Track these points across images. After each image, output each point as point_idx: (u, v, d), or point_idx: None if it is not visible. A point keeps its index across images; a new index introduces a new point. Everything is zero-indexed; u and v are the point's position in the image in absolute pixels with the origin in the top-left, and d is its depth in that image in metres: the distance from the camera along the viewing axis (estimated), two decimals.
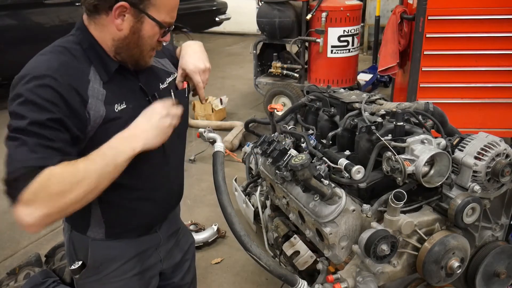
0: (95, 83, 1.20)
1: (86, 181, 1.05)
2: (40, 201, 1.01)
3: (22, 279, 2.22)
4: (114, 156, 1.10)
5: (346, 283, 1.46)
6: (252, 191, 2.50)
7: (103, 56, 1.23)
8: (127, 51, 1.24)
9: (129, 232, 1.39)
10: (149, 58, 1.30)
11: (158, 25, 1.22)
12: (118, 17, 1.18)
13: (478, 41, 3.34)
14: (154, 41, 1.26)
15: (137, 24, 1.20)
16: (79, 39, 1.23)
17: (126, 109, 1.24)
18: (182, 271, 1.62)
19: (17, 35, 5.02)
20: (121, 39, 1.21)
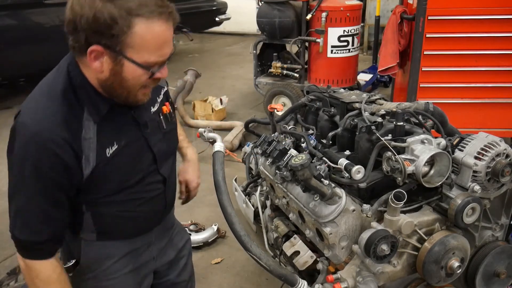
0: (87, 129, 1.17)
1: None
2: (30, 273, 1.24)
3: (23, 279, 2.22)
4: None
5: (346, 283, 1.46)
6: (252, 191, 2.50)
7: (94, 96, 1.17)
8: (112, 91, 1.16)
9: (120, 236, 1.40)
10: (143, 96, 1.21)
11: (140, 67, 1.11)
12: (95, 60, 1.09)
13: (478, 41, 3.33)
14: (143, 81, 1.15)
15: (116, 67, 1.10)
16: (72, 75, 1.17)
17: (117, 149, 1.22)
18: (178, 268, 1.62)
19: (17, 35, 5.02)
20: (103, 80, 1.14)
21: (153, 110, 1.35)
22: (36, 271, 1.23)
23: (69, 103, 1.16)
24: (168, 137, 1.41)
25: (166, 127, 1.39)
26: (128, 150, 1.25)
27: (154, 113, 1.35)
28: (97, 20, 1.03)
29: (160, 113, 1.38)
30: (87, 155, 1.17)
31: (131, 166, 1.28)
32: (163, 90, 1.43)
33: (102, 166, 1.20)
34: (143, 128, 1.30)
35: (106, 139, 1.21)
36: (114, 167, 1.22)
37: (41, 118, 1.13)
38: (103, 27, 1.04)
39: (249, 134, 3.91)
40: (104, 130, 1.20)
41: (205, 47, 8.92)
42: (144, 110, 1.32)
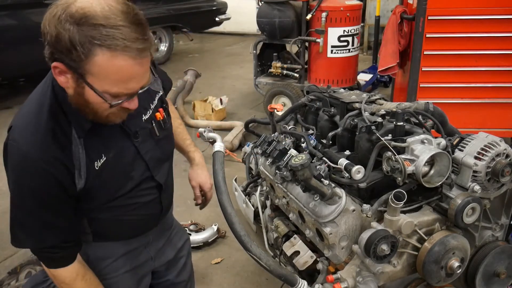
0: (76, 144, 1.16)
1: None
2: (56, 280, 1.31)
3: (24, 278, 2.22)
4: None
5: (346, 283, 1.46)
6: (252, 191, 2.50)
7: (76, 112, 1.14)
8: (80, 108, 1.12)
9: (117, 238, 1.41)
10: (115, 118, 1.16)
11: (100, 96, 1.05)
12: (60, 75, 1.06)
13: (478, 41, 3.33)
14: (105, 109, 1.09)
15: (78, 89, 1.06)
16: (56, 90, 1.15)
17: (106, 162, 1.21)
18: (177, 268, 1.62)
19: (17, 35, 5.02)
20: (70, 97, 1.10)
21: (144, 118, 1.31)
22: (61, 277, 1.28)
23: (56, 120, 1.14)
24: (161, 143, 1.37)
25: (160, 134, 1.35)
26: (118, 160, 1.24)
27: (145, 121, 1.31)
28: (59, 40, 1.01)
29: (153, 120, 1.33)
30: (79, 169, 1.17)
31: (123, 175, 1.28)
32: (157, 95, 1.38)
33: (92, 179, 1.20)
34: (133, 138, 1.27)
35: (93, 153, 1.19)
36: (104, 179, 1.22)
37: (31, 138, 1.12)
38: (63, 48, 1.01)
39: (249, 134, 3.91)
40: (91, 144, 1.18)
41: (205, 47, 8.91)
42: (134, 119, 1.27)
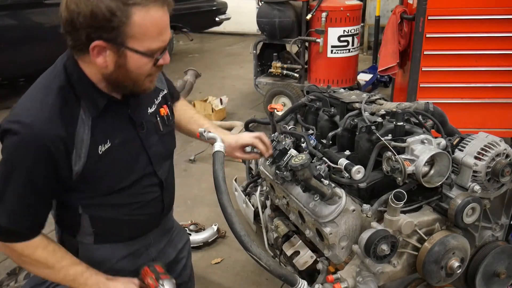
0: (82, 125, 1.17)
1: (48, 277, 1.30)
2: (14, 254, 1.26)
3: (22, 279, 2.22)
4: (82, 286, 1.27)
5: (346, 283, 1.46)
6: (252, 191, 2.50)
7: (92, 91, 1.18)
8: (117, 83, 1.17)
9: (118, 239, 1.40)
10: (149, 83, 1.22)
11: (144, 56, 1.12)
12: (99, 56, 1.10)
13: (478, 41, 3.33)
14: (147, 70, 1.16)
15: (120, 60, 1.11)
16: (69, 71, 1.17)
17: (110, 148, 1.22)
18: (177, 269, 1.62)
19: (17, 35, 5.02)
20: (108, 75, 1.15)
21: (150, 111, 1.34)
22: (20, 250, 1.23)
23: (65, 99, 1.15)
24: (164, 139, 1.40)
25: (163, 130, 1.38)
26: (121, 149, 1.25)
27: (150, 114, 1.35)
28: (95, 15, 1.03)
29: (157, 115, 1.37)
30: (79, 151, 1.17)
31: (125, 166, 1.28)
32: (161, 93, 1.42)
33: (93, 163, 1.19)
34: (138, 129, 1.29)
35: (99, 136, 1.20)
36: (106, 165, 1.22)
37: (34, 112, 1.13)
38: (102, 21, 1.04)
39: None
40: (98, 126, 1.20)
41: (205, 47, 8.92)
42: (141, 110, 1.31)
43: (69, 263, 1.27)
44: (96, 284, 1.28)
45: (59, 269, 1.25)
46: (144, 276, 1.34)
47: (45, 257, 1.24)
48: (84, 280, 1.27)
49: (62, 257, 1.26)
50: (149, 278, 1.32)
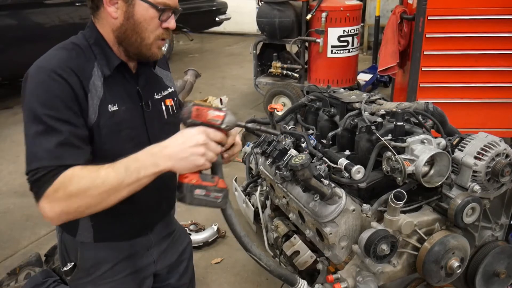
0: (96, 79, 1.22)
1: (103, 187, 1.07)
2: (58, 199, 1.08)
3: (23, 279, 2.22)
4: (137, 169, 1.09)
5: (346, 283, 1.46)
6: (252, 191, 2.50)
7: (107, 51, 1.26)
8: (126, 39, 1.23)
9: (118, 236, 1.39)
10: (156, 49, 1.27)
11: (151, 6, 1.19)
12: (111, 5, 1.20)
13: (478, 41, 3.33)
14: (154, 26, 1.22)
15: (129, 8, 1.20)
16: (88, 35, 1.26)
17: (118, 111, 1.25)
18: (179, 272, 1.62)
19: (17, 35, 5.02)
20: (118, 28, 1.22)
21: (156, 97, 1.39)
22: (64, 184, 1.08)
23: (81, 53, 1.23)
24: (166, 128, 1.38)
25: (167, 118, 1.41)
26: (127, 116, 1.27)
27: (157, 100, 1.39)
28: None
29: (163, 103, 1.41)
30: (93, 97, 1.21)
31: (127, 135, 1.28)
32: (169, 89, 1.46)
33: (103, 119, 1.22)
34: (145, 107, 1.33)
35: (110, 97, 1.24)
36: (113, 125, 1.23)
37: (52, 56, 1.20)
38: None
39: (249, 134, 3.91)
40: (110, 88, 1.25)
41: (205, 47, 8.91)
42: (149, 91, 1.36)
43: (106, 167, 1.11)
44: (147, 152, 1.12)
45: (105, 174, 1.09)
46: (200, 115, 1.14)
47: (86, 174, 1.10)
48: (134, 159, 1.11)
49: (98, 166, 1.12)
50: (208, 113, 1.13)
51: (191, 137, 1.10)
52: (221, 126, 1.14)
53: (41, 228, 2.95)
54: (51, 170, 1.08)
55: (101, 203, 1.10)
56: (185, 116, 1.14)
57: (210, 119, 1.14)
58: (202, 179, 1.16)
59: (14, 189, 3.47)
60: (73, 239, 1.36)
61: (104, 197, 1.09)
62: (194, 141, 1.09)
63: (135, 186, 1.11)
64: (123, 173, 1.08)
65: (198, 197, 1.16)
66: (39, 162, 1.09)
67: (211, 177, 1.18)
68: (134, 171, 1.09)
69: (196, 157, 1.09)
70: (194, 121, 1.13)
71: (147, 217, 1.43)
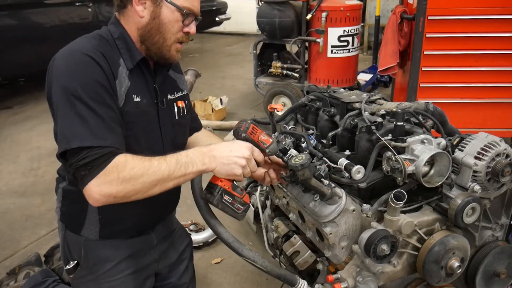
0: (123, 70, 1.28)
1: (155, 176, 1.14)
2: (110, 182, 1.11)
3: (22, 278, 2.22)
4: (186, 164, 1.18)
5: (346, 283, 1.46)
6: (252, 191, 2.50)
7: (131, 45, 1.31)
8: (150, 38, 1.30)
9: (123, 232, 1.39)
10: (175, 52, 1.35)
11: (177, 10, 1.28)
12: (139, 4, 1.27)
13: (478, 41, 3.33)
14: (177, 29, 1.30)
15: (156, 9, 1.28)
16: (112, 30, 1.32)
17: (140, 103, 1.31)
18: (179, 271, 1.62)
19: (17, 35, 5.02)
20: (143, 26, 1.29)
21: (169, 97, 1.45)
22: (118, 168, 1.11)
23: (108, 44, 1.28)
24: (176, 128, 1.46)
25: (177, 118, 1.46)
26: (144, 111, 1.32)
27: (170, 100, 1.45)
28: None
29: (175, 103, 1.47)
30: (121, 83, 1.25)
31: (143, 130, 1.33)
32: (181, 92, 1.52)
33: (128, 108, 1.26)
34: (160, 104, 1.38)
35: (134, 88, 1.29)
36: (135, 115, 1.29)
37: (82, 42, 1.25)
38: None
39: None
40: (134, 80, 1.30)
41: (205, 47, 8.92)
42: (164, 90, 1.42)
43: (158, 158, 1.17)
44: (198, 150, 1.21)
45: (158, 164, 1.15)
46: (254, 133, 1.28)
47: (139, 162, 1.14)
48: (185, 155, 1.19)
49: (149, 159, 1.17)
50: (260, 134, 1.29)
51: (239, 149, 1.22)
52: (266, 150, 1.29)
53: (41, 228, 2.95)
54: (103, 154, 1.10)
55: (149, 191, 1.16)
56: (242, 130, 1.26)
57: (260, 141, 1.29)
58: (233, 188, 1.28)
59: (14, 189, 3.47)
60: (77, 237, 1.37)
61: (153, 185, 1.15)
62: (241, 153, 1.22)
63: (181, 179, 1.19)
64: (174, 166, 1.16)
65: (225, 203, 1.27)
66: (81, 142, 1.10)
67: (241, 190, 1.30)
68: (183, 165, 1.17)
69: (237, 166, 1.21)
70: (247, 137, 1.26)
71: (154, 212, 1.44)
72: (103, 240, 1.37)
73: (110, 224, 1.36)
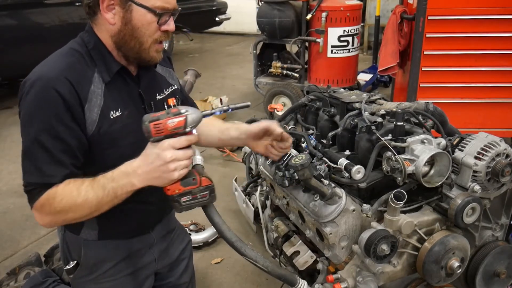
0: (96, 87, 1.21)
1: (84, 207, 1.15)
2: (45, 213, 1.17)
3: (22, 279, 2.22)
4: (114, 189, 1.13)
5: (346, 283, 1.46)
6: (252, 191, 2.51)
7: (106, 56, 1.24)
8: (125, 44, 1.22)
9: (122, 233, 1.39)
10: (155, 53, 1.26)
11: (149, 11, 1.17)
12: (108, 11, 1.18)
13: (478, 41, 3.33)
14: (152, 30, 1.21)
15: (126, 14, 1.17)
16: (86, 40, 1.25)
17: (121, 117, 1.25)
18: (179, 270, 1.62)
19: (17, 35, 5.02)
20: (116, 33, 1.21)
21: (158, 98, 1.39)
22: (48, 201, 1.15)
23: (81, 59, 1.22)
24: None
25: None
26: (130, 120, 1.27)
27: (159, 100, 1.38)
28: None
29: (165, 103, 1.38)
30: (92, 107, 1.20)
31: (130, 141, 1.28)
32: (172, 87, 1.46)
33: (105, 126, 1.22)
34: (147, 109, 1.32)
35: (112, 103, 1.24)
36: (116, 131, 1.23)
37: (50, 65, 1.20)
38: None
39: None
40: (111, 93, 1.24)
41: (205, 47, 8.91)
42: (151, 92, 1.36)
43: (86, 185, 1.16)
44: (122, 172, 1.14)
45: (85, 194, 1.14)
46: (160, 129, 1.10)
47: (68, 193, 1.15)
48: (110, 179, 1.15)
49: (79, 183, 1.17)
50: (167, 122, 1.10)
51: (157, 156, 1.09)
52: (186, 131, 1.11)
53: (41, 228, 2.95)
54: (37, 186, 1.16)
55: (86, 216, 1.19)
56: (147, 136, 1.10)
57: (172, 129, 1.10)
58: (184, 185, 1.15)
59: (14, 189, 3.47)
60: (76, 237, 1.37)
61: (86, 212, 1.17)
62: (161, 160, 1.09)
63: (115, 202, 1.16)
64: (101, 193, 1.13)
65: (187, 204, 1.17)
66: (29, 177, 1.18)
67: (192, 179, 1.16)
68: (111, 190, 1.13)
69: (168, 174, 1.10)
70: (156, 138, 1.10)
71: (152, 213, 1.43)
72: (102, 241, 1.37)
73: (109, 226, 1.36)
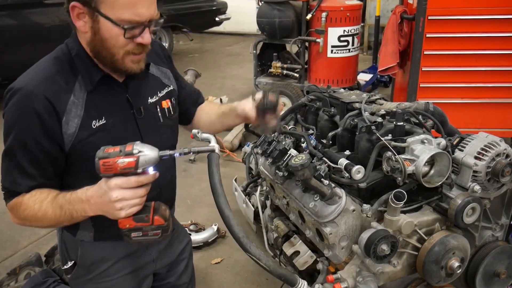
0: (77, 97, 1.20)
1: (44, 220, 1.21)
2: (14, 216, 1.26)
3: (23, 279, 2.22)
4: (70, 211, 1.17)
5: (346, 283, 1.46)
6: (252, 191, 2.50)
7: (88, 64, 1.22)
8: (98, 54, 1.19)
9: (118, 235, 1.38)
10: (131, 64, 1.20)
11: (114, 25, 1.11)
12: (79, 19, 1.16)
13: (478, 41, 3.33)
14: (122, 43, 1.14)
15: (94, 24, 1.13)
16: (71, 46, 1.24)
17: (105, 125, 1.24)
18: (178, 271, 1.62)
19: (17, 35, 5.02)
20: (89, 42, 1.19)
21: (150, 101, 1.36)
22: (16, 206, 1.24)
23: (62, 69, 1.21)
24: (163, 131, 1.40)
25: (163, 121, 1.40)
26: (116, 129, 1.25)
27: (151, 104, 1.36)
28: None
29: (158, 106, 1.38)
30: (70, 119, 1.19)
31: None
32: (167, 88, 1.44)
33: (86, 136, 1.21)
34: (136, 114, 1.30)
35: (94, 112, 1.22)
36: (99, 140, 1.21)
37: (29, 77, 1.21)
38: None
39: (249, 134, 3.91)
40: (94, 102, 1.22)
41: (205, 47, 8.91)
42: (141, 97, 1.34)
43: (46, 203, 1.20)
44: (78, 198, 1.16)
45: (45, 209, 1.19)
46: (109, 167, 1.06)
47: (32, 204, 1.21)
48: (68, 201, 1.17)
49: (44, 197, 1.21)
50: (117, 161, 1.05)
51: (105, 194, 1.08)
52: (138, 171, 1.06)
53: (41, 228, 2.95)
54: (7, 191, 1.25)
55: (50, 227, 1.30)
56: (97, 172, 1.07)
57: (122, 169, 1.05)
58: (135, 220, 1.12)
59: None
60: (73, 238, 1.37)
61: (47, 225, 1.25)
62: (108, 198, 1.07)
63: (74, 221, 1.21)
64: (59, 212, 1.17)
65: (137, 239, 1.14)
66: (3, 181, 1.25)
67: (145, 216, 1.12)
68: (67, 211, 1.16)
69: (114, 211, 1.09)
70: (105, 175, 1.07)
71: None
72: (98, 242, 1.37)
73: (104, 228, 1.35)
